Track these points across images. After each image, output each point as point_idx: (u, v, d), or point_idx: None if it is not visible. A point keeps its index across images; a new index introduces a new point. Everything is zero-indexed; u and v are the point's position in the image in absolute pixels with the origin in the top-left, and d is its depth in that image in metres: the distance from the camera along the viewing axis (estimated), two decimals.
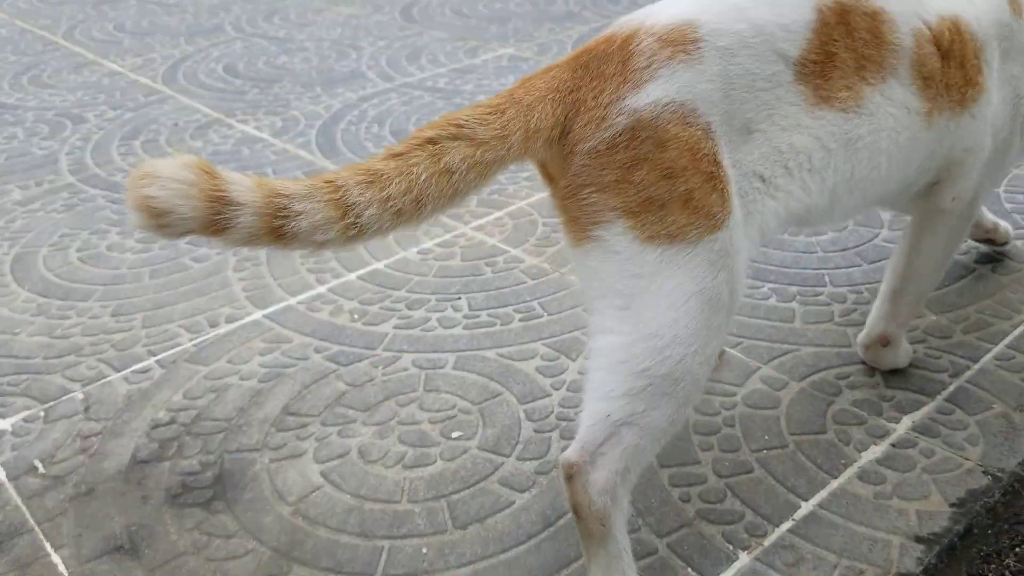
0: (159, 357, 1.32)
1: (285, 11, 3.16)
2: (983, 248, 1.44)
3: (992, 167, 1.09)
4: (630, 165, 0.83)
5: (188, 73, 2.54)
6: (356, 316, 1.38)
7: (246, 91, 2.38)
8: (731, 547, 0.96)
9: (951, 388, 1.15)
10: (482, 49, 2.64)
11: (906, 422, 1.11)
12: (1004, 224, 1.43)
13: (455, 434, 1.14)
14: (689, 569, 0.94)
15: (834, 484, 1.03)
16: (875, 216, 1.56)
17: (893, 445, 1.07)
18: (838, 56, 0.90)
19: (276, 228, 0.80)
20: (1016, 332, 1.24)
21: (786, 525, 0.98)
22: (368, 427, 1.16)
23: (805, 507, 1.00)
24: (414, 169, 0.82)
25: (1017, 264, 1.40)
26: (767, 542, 0.97)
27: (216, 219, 0.78)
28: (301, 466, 1.10)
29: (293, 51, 2.70)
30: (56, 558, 1.00)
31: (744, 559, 0.95)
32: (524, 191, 1.75)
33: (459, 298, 1.42)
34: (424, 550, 0.98)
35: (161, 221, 0.77)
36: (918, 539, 0.96)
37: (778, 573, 0.93)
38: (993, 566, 0.95)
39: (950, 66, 0.97)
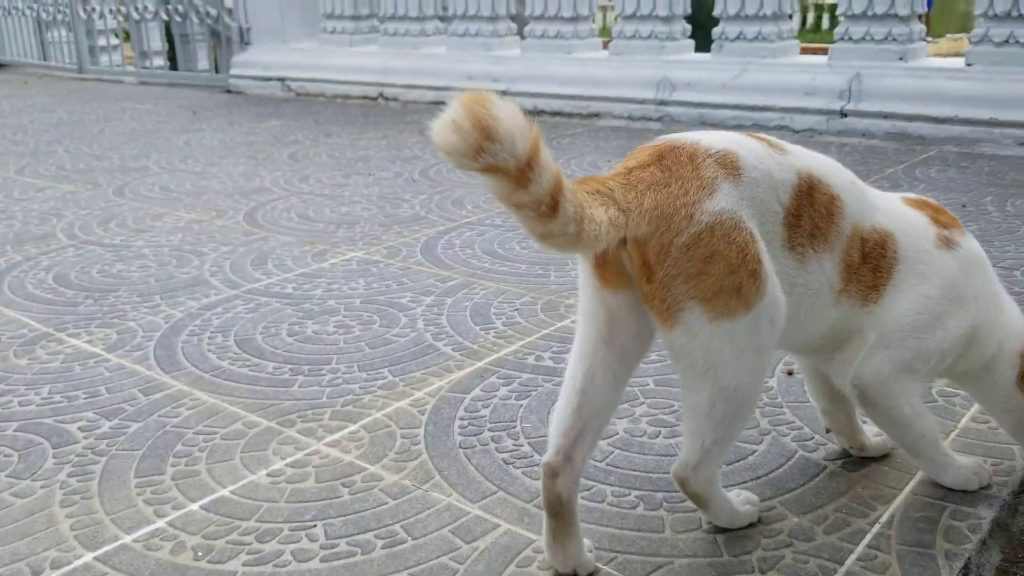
0: None
1: (122, 217, 3.08)
2: (834, 445, 1.49)
3: (897, 364, 1.25)
4: (707, 258, 1.07)
5: (14, 284, 2.39)
6: (200, 553, 1.26)
7: (78, 302, 2.25)
8: None
9: None
10: (330, 253, 2.64)
11: None
12: (882, 439, 1.47)
13: None
14: None
15: None
16: None
17: None
18: (803, 218, 1.16)
19: (546, 218, 0.98)
20: (874, 530, 1.27)
21: None
22: None
23: None
24: (585, 205, 1.03)
25: (864, 461, 1.45)
26: None
27: (526, 173, 0.93)
28: None
29: (130, 258, 2.61)
30: None
31: None
32: (380, 401, 1.70)
33: (315, 525, 1.32)
34: None
35: (488, 144, 0.89)
36: None
37: None
38: None
39: (865, 267, 1.22)
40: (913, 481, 1.39)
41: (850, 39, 4.31)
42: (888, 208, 1.27)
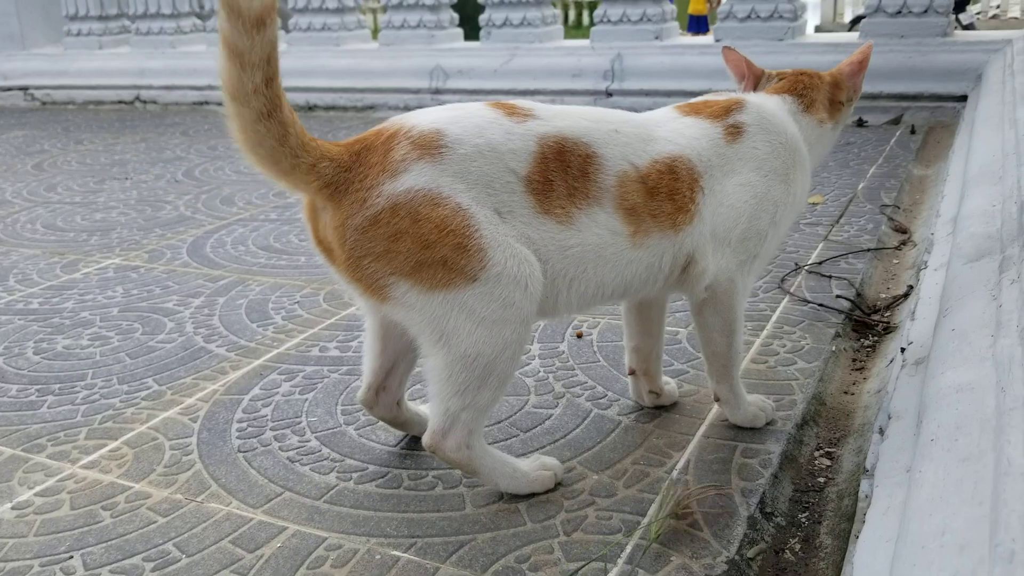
0: None
1: None
2: (627, 399, 1.48)
3: (741, 256, 1.28)
4: (393, 237, 1.08)
5: None
6: None
7: None
8: None
9: (628, 549, 1.12)
10: (82, 263, 2.39)
11: None
12: (672, 386, 1.48)
13: None
14: None
15: None
16: (521, 385, 1.56)
17: None
18: (554, 183, 1.14)
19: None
20: (672, 477, 1.26)
21: None
22: None
23: None
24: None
25: (655, 411, 1.45)
26: None
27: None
28: None
29: None
30: None
31: None
32: (144, 413, 1.53)
33: (71, 557, 1.15)
34: None
35: None
36: None
37: None
38: None
39: (656, 200, 1.19)
40: (704, 426, 1.40)
41: (609, 21, 4.45)
42: (669, 131, 1.26)
